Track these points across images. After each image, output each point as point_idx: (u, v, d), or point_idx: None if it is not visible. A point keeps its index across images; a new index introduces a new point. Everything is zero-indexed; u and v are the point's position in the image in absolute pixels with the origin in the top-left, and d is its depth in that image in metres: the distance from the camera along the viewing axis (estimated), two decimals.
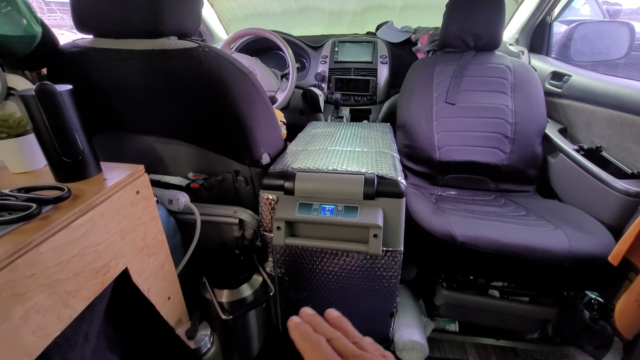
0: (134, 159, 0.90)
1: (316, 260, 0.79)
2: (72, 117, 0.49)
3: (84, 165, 0.52)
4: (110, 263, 0.51)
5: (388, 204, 0.72)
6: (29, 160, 0.54)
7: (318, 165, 0.79)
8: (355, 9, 1.79)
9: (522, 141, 1.19)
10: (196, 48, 0.67)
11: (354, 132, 1.09)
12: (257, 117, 0.79)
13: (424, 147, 1.24)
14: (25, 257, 0.38)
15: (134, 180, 0.55)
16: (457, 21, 1.25)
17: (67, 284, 0.44)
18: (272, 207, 0.77)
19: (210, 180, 0.87)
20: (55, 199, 0.44)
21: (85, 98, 0.53)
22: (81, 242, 0.46)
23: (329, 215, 0.71)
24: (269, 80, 1.34)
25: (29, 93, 0.45)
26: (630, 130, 0.96)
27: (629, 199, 0.86)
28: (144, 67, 0.69)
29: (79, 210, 0.45)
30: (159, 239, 0.63)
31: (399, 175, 0.75)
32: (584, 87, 1.15)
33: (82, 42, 0.71)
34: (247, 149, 0.79)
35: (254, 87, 0.77)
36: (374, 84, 1.54)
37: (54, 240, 0.42)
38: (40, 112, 0.46)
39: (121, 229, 0.53)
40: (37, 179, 0.54)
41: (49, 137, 0.48)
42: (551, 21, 1.41)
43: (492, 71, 1.25)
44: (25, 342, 0.39)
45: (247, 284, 0.80)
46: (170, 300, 0.67)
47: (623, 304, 0.67)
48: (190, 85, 0.71)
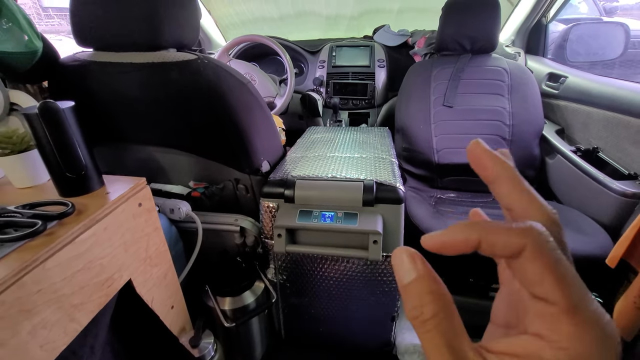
0: (135, 169, 0.92)
1: (317, 267, 0.79)
2: (75, 133, 0.50)
3: (87, 180, 0.53)
4: (114, 275, 0.52)
5: (387, 210, 0.73)
6: (32, 175, 0.55)
7: (317, 172, 0.80)
8: (352, 13, 1.80)
9: (520, 143, 1.20)
10: (195, 60, 0.68)
11: (353, 137, 1.10)
12: (256, 125, 0.80)
13: (422, 150, 1.25)
14: (32, 274, 0.39)
15: (136, 192, 0.56)
16: (453, 24, 1.26)
17: (72, 298, 0.45)
18: (272, 214, 0.78)
19: (211, 189, 0.88)
20: (59, 214, 0.45)
21: (86, 111, 0.54)
22: (86, 257, 0.46)
23: (329, 222, 0.72)
24: (267, 86, 1.35)
25: (32, 111, 0.46)
26: (626, 131, 0.97)
27: (626, 199, 0.87)
28: (143, 80, 0.70)
29: (83, 225, 0.46)
30: (161, 250, 0.64)
31: (398, 181, 0.75)
32: (581, 89, 1.16)
33: (82, 56, 0.72)
34: (247, 158, 0.80)
35: (253, 96, 0.78)
36: (372, 88, 1.55)
37: (60, 256, 0.43)
38: (43, 130, 0.47)
39: (124, 242, 0.54)
40: (41, 194, 0.55)
41: (53, 153, 0.49)
42: (547, 22, 1.42)
43: (489, 73, 1.26)
44: (33, 356, 0.39)
45: (249, 291, 0.81)
46: (173, 309, 0.68)
47: (621, 306, 0.68)
48: (190, 97, 0.72)
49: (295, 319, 0.90)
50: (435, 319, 0.13)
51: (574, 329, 0.12)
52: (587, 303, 0.12)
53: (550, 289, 0.12)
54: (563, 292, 0.12)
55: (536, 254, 0.13)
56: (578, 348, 0.12)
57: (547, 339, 0.12)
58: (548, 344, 0.12)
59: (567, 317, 0.12)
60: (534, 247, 0.13)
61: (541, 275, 0.12)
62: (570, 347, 0.12)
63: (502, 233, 0.13)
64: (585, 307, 0.12)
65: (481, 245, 0.14)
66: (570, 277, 0.13)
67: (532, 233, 0.13)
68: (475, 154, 0.16)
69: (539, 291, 0.13)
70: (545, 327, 0.13)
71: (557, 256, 0.13)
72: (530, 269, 0.13)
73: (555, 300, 0.12)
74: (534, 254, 0.13)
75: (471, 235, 0.14)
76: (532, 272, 0.13)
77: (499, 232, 0.13)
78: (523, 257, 0.13)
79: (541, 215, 0.14)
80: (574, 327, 0.12)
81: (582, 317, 0.12)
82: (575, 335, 0.12)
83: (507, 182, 0.15)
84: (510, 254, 0.13)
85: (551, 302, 0.12)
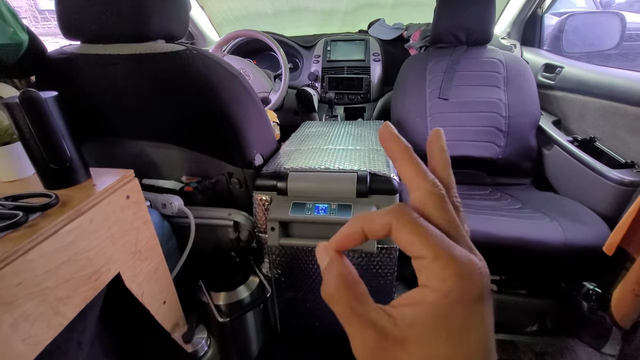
0: (126, 164, 0.90)
1: (312, 260, 0.78)
2: (59, 124, 0.49)
3: (72, 172, 0.51)
4: (101, 269, 0.51)
5: (382, 201, 0.72)
6: (17, 168, 0.54)
7: (311, 164, 0.79)
8: (346, 8, 1.79)
9: (517, 134, 1.19)
10: (184, 51, 0.67)
11: (348, 130, 1.09)
12: (248, 118, 0.78)
13: (418, 143, 1.23)
14: (12, 266, 0.38)
15: (123, 185, 0.55)
16: (448, 16, 1.25)
17: (57, 291, 0.44)
18: (265, 208, 0.77)
19: (204, 183, 0.87)
20: (42, 206, 0.44)
21: (74, 104, 0.53)
22: (71, 249, 0.45)
23: (322, 214, 0.71)
24: (262, 82, 1.34)
25: (12, 101, 0.45)
26: (622, 119, 0.96)
27: (623, 188, 0.86)
28: (132, 72, 0.69)
29: (67, 217, 0.45)
30: (151, 244, 0.63)
31: (392, 172, 0.75)
32: (577, 79, 1.15)
33: (70, 49, 0.71)
34: (239, 151, 0.79)
35: (244, 88, 0.77)
36: (367, 82, 1.54)
37: (42, 248, 0.42)
38: (25, 120, 0.46)
39: (112, 235, 0.53)
40: (25, 187, 0.54)
41: (36, 144, 0.48)
42: (542, 13, 1.41)
43: (484, 65, 1.25)
44: (15, 350, 0.38)
45: (243, 286, 0.80)
46: (165, 304, 0.67)
47: (619, 294, 0.67)
48: (179, 89, 0.71)
49: (291, 313, 0.89)
50: (338, 292, 0.17)
51: (441, 271, 0.15)
52: (450, 250, 0.15)
53: (418, 247, 0.15)
54: (428, 247, 0.15)
55: (400, 226, 0.16)
56: (446, 286, 0.15)
57: (427, 286, 0.15)
58: (428, 289, 0.15)
59: (435, 264, 0.15)
60: (397, 222, 0.16)
61: (409, 239, 0.16)
62: (441, 287, 0.15)
63: (375, 219, 0.17)
64: (448, 254, 0.15)
65: (366, 233, 0.17)
66: (432, 234, 0.15)
67: (394, 211, 0.16)
68: (383, 136, 0.19)
69: (412, 251, 0.16)
70: (424, 277, 0.16)
71: (418, 222, 0.16)
72: (400, 237, 0.16)
73: (424, 254, 0.15)
74: (399, 226, 0.16)
75: (355, 227, 0.18)
76: (402, 240, 0.16)
77: (373, 218, 0.17)
78: (393, 231, 0.16)
79: (425, 183, 0.17)
80: (441, 270, 0.15)
81: (445, 261, 0.15)
82: (442, 276, 0.15)
83: (403, 159, 0.18)
84: (387, 232, 0.17)
85: (422, 257, 0.15)
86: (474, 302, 0.15)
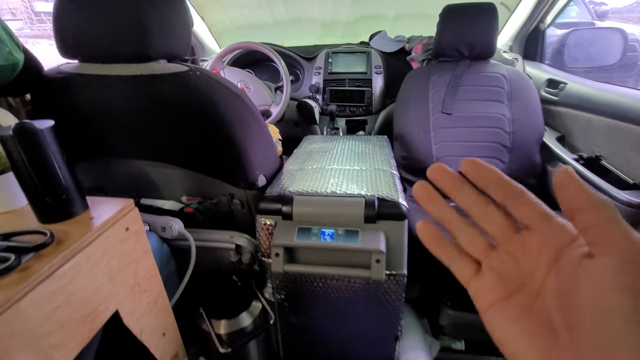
0: (125, 183, 0.87)
1: (317, 285, 0.76)
2: (55, 155, 0.46)
3: (68, 204, 0.49)
4: (99, 308, 0.48)
5: (390, 226, 0.70)
6: (9, 199, 0.51)
7: (316, 187, 0.76)
8: (347, 19, 1.78)
9: (521, 150, 1.18)
10: (187, 72, 0.65)
11: (351, 147, 1.07)
12: (251, 138, 0.76)
13: (422, 159, 1.22)
14: (4, 316, 0.35)
15: (123, 216, 0.52)
16: (450, 30, 1.24)
17: (51, 337, 0.41)
18: (269, 232, 0.74)
19: (205, 204, 0.84)
20: (36, 246, 0.41)
21: (71, 125, 0.50)
22: (66, 291, 0.43)
23: (329, 240, 0.69)
24: (262, 94, 1.32)
25: (6, 133, 0.42)
26: (628, 139, 0.95)
27: (633, 210, 0.85)
28: (131, 93, 0.66)
29: (63, 257, 0.42)
30: (151, 274, 0.60)
31: (400, 196, 0.72)
32: (581, 95, 1.15)
33: (67, 68, 0.69)
34: (242, 172, 0.76)
35: (248, 108, 0.75)
36: (369, 95, 1.53)
37: (36, 293, 0.39)
38: (19, 153, 0.43)
39: (110, 270, 0.50)
40: (18, 219, 0.51)
41: (30, 177, 0.45)
42: (544, 28, 1.41)
43: (487, 80, 1.24)
44: None
45: (246, 312, 0.77)
46: (165, 336, 0.64)
47: None
48: (181, 109, 0.68)
49: (295, 339, 0.86)
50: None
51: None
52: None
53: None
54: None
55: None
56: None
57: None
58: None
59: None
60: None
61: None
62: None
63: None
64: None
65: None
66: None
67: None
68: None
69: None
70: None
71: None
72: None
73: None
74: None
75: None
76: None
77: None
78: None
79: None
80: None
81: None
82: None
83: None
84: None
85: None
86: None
